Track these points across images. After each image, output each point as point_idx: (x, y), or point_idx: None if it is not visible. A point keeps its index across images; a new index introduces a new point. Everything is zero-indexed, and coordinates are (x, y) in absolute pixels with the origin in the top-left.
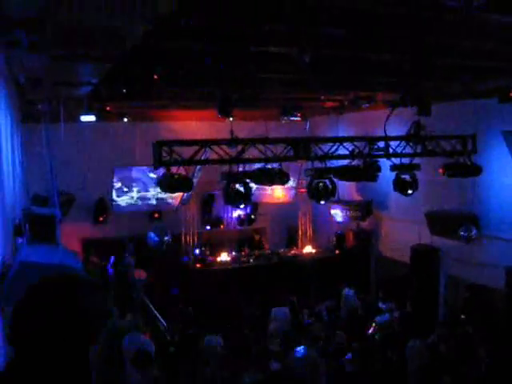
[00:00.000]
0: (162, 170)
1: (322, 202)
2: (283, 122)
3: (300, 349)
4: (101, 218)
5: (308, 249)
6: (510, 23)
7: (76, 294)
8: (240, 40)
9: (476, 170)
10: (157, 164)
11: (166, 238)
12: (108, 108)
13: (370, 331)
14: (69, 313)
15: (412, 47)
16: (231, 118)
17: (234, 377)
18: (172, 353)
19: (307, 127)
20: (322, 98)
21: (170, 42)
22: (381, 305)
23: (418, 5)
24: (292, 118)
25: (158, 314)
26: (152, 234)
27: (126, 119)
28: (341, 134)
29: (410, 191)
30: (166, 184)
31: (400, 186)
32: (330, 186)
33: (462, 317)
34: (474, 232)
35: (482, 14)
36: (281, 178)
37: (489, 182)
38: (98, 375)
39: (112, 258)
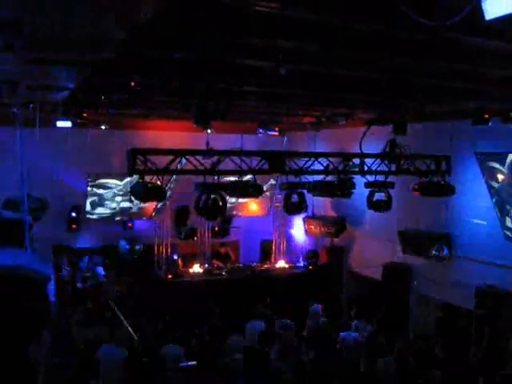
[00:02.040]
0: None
1: (296, 216)
2: (260, 135)
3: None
4: (74, 226)
5: (281, 263)
6: (484, 46)
7: (12, 293)
8: (215, 51)
9: (449, 190)
10: (131, 172)
11: (137, 247)
12: (85, 114)
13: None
14: (4, 311)
15: (386, 66)
16: (209, 130)
17: None
18: (143, 363)
19: (284, 142)
20: (300, 113)
21: (146, 51)
22: (354, 323)
23: (390, 23)
24: (269, 132)
25: (128, 325)
26: (123, 243)
27: (103, 127)
28: (318, 149)
29: (383, 209)
30: (139, 192)
31: (374, 203)
32: (303, 201)
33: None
34: (445, 252)
35: (457, 35)
36: (254, 191)
37: (462, 203)
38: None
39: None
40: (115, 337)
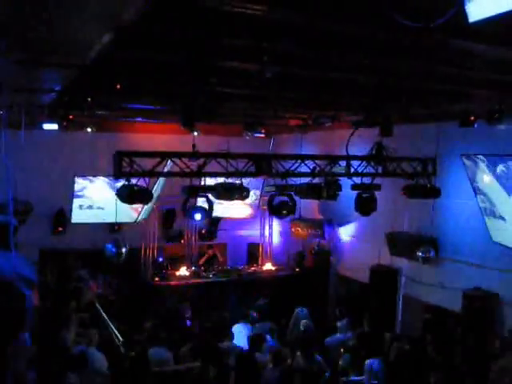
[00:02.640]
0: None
1: (282, 219)
2: (247, 137)
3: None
4: (60, 229)
5: (268, 266)
6: (469, 48)
7: None
8: (200, 53)
9: (435, 192)
10: (117, 175)
11: (123, 250)
12: (71, 117)
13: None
14: None
15: (372, 69)
16: (195, 133)
17: None
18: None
19: (271, 145)
20: (286, 115)
21: (131, 52)
22: (338, 323)
23: (376, 25)
24: (256, 135)
25: (113, 328)
26: (109, 246)
27: (89, 129)
28: (304, 152)
29: (370, 211)
30: (125, 195)
31: (360, 205)
32: (291, 203)
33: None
34: (431, 253)
35: (442, 37)
36: (241, 193)
37: (447, 205)
38: None
39: None
40: (100, 339)
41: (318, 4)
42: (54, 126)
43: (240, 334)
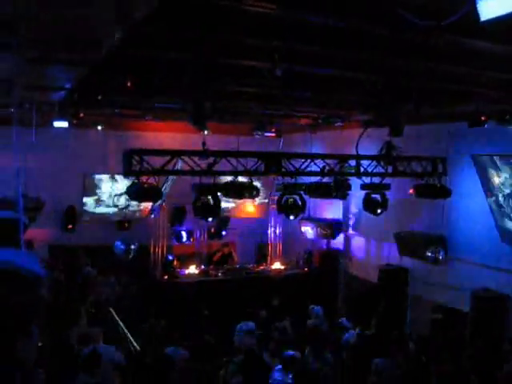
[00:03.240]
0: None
1: (292, 218)
2: (257, 136)
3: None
4: (70, 226)
5: (277, 265)
6: (480, 47)
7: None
8: (211, 52)
9: (445, 192)
10: (127, 173)
11: (132, 247)
12: (81, 115)
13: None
14: None
15: (382, 68)
16: (206, 132)
17: None
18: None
19: (281, 144)
20: (297, 115)
21: (142, 50)
22: (345, 322)
23: (387, 24)
24: (266, 134)
25: (123, 327)
26: (118, 243)
27: (99, 127)
28: (314, 151)
29: (379, 211)
30: (135, 193)
31: (370, 205)
32: (300, 202)
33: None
34: (441, 254)
35: (453, 36)
36: (250, 192)
37: (457, 205)
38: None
39: None
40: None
41: (330, 3)
42: (65, 124)
43: (244, 332)
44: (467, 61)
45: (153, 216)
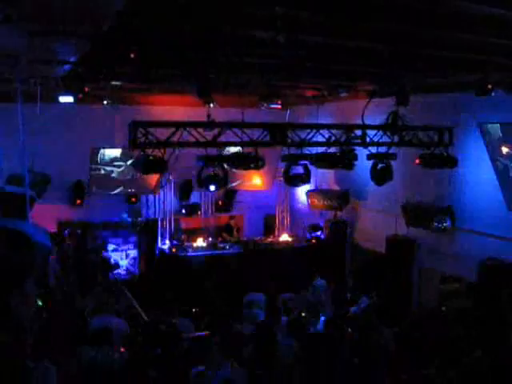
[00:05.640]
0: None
1: (298, 188)
2: (262, 108)
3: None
4: (78, 201)
5: (284, 237)
6: (487, 14)
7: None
8: (214, 21)
9: (451, 162)
10: (132, 146)
11: (138, 219)
12: (86, 89)
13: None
14: None
15: (388, 36)
16: (211, 105)
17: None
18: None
19: (287, 116)
20: (302, 85)
21: (145, 21)
22: (349, 295)
23: None
24: (272, 106)
25: (132, 299)
26: (125, 215)
27: (105, 102)
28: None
29: (385, 180)
30: (141, 165)
31: (376, 175)
32: (306, 173)
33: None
34: (447, 223)
35: (459, 2)
36: (256, 163)
37: (464, 175)
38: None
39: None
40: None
41: None
42: (70, 99)
43: (256, 303)
44: (475, 28)
45: (158, 190)
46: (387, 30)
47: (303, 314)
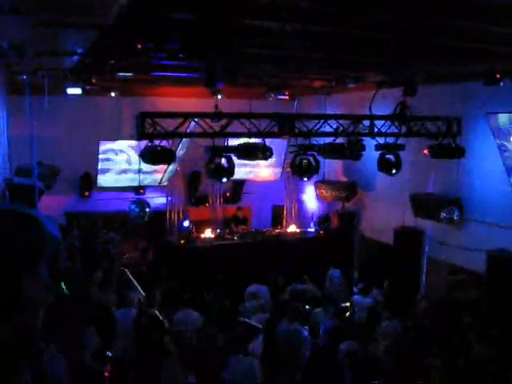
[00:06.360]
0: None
1: (305, 179)
2: (270, 99)
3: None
4: (87, 193)
5: (292, 228)
6: (496, 2)
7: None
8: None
9: (460, 152)
10: (139, 136)
11: (146, 210)
12: (94, 80)
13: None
14: None
15: (396, 27)
16: (219, 96)
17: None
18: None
19: (295, 106)
20: (310, 76)
21: (153, 12)
22: (356, 288)
23: None
24: (279, 97)
25: (140, 289)
26: (133, 206)
27: (113, 94)
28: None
29: (393, 171)
30: (148, 156)
31: (384, 165)
32: (314, 163)
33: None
34: (456, 214)
35: None
36: (264, 153)
37: (472, 166)
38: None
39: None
40: (128, 300)
41: None
42: (78, 91)
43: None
44: (483, 17)
45: (165, 180)
46: (394, 19)
47: (307, 307)
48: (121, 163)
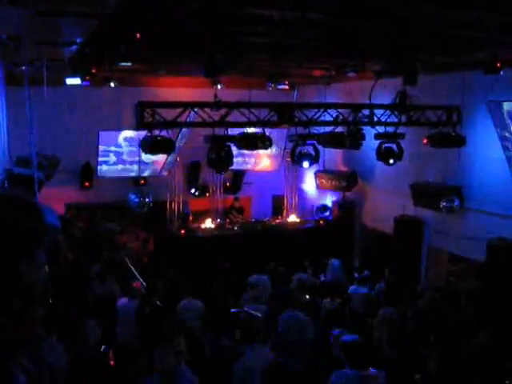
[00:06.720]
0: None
1: (305, 166)
2: (270, 89)
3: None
4: (87, 184)
5: (293, 218)
6: None
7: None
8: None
9: (460, 141)
10: (139, 126)
11: (146, 200)
12: (93, 71)
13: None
14: None
15: (396, 16)
16: (219, 86)
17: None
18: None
19: (295, 96)
20: (310, 66)
21: (152, 1)
22: (356, 275)
23: None
24: (279, 86)
25: (140, 278)
26: (132, 196)
27: (112, 84)
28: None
29: (392, 161)
30: (148, 145)
31: (383, 154)
32: (314, 153)
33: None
34: (455, 203)
35: None
36: (263, 143)
37: (473, 155)
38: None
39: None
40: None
41: None
42: (77, 81)
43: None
44: (482, 4)
45: (165, 170)
46: (394, 8)
47: (307, 297)
48: (121, 154)
